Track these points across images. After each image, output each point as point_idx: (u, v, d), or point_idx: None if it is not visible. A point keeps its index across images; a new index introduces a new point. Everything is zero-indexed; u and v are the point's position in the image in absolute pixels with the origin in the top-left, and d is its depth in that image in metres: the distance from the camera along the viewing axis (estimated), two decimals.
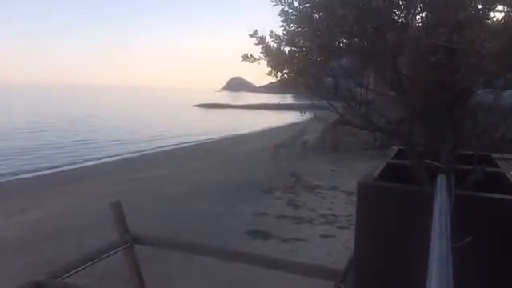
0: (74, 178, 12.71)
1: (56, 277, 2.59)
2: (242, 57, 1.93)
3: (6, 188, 11.49)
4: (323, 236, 6.51)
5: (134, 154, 18.65)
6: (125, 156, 18.09)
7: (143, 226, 4.73)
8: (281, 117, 41.84)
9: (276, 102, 63.81)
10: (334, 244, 6.12)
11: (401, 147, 2.66)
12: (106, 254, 2.93)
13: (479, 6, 1.47)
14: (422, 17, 1.67)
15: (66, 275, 2.63)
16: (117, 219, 3.16)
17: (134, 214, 4.35)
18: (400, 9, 1.67)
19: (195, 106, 65.23)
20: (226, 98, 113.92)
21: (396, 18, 1.69)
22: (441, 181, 1.62)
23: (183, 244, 3.42)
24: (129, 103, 71.51)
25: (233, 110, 62.48)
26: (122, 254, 3.21)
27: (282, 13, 1.78)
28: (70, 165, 15.75)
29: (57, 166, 15.28)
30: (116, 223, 3.16)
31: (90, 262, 2.79)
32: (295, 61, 1.87)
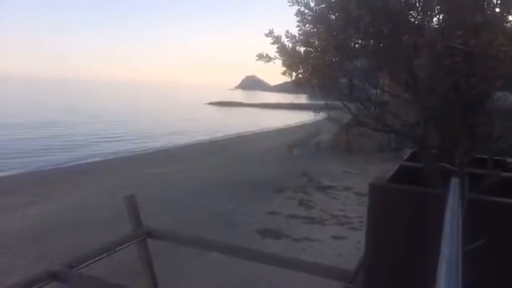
0: (85, 172, 12.92)
1: (71, 267, 2.65)
2: (258, 56, 1.94)
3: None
4: (335, 237, 6.48)
5: (146, 151, 18.80)
6: (137, 153, 18.21)
7: (154, 220, 4.79)
8: (294, 116, 41.73)
9: (289, 101, 63.59)
10: (346, 245, 6.10)
11: (415, 150, 2.64)
12: (120, 247, 2.99)
13: (497, 10, 1.46)
14: (438, 19, 1.66)
15: (81, 266, 2.70)
16: (130, 213, 3.21)
17: (146, 209, 4.41)
18: (417, 11, 1.67)
19: (207, 104, 65.23)
20: (239, 96, 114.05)
21: (412, 19, 1.68)
22: (454, 184, 1.61)
23: (196, 240, 3.45)
24: (144, 100, 72.25)
25: (246, 108, 62.47)
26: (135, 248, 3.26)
27: (298, 13, 1.79)
28: (75, 161, 15.76)
29: (62, 162, 15.30)
30: (130, 217, 3.21)
31: (104, 254, 2.85)
32: (310, 61, 1.88)
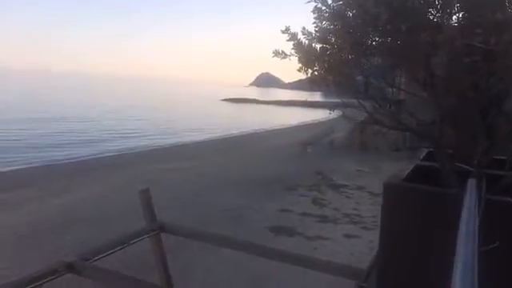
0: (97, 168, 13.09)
1: (86, 259, 2.70)
2: (274, 52, 1.95)
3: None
4: (347, 236, 6.45)
5: (162, 147, 18.96)
6: (153, 148, 18.37)
7: (167, 214, 4.84)
8: (309, 114, 41.61)
9: (303, 98, 63.44)
10: (358, 244, 6.07)
11: (431, 149, 2.61)
12: (134, 240, 3.03)
13: None
14: (458, 17, 1.64)
15: (95, 258, 2.75)
16: (145, 207, 3.25)
17: (160, 203, 4.45)
18: (435, 8, 1.64)
19: (222, 100, 65.45)
20: (254, 93, 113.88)
21: (431, 17, 1.66)
22: (471, 185, 1.59)
23: (209, 235, 3.47)
24: (159, 96, 72.80)
25: (260, 105, 62.42)
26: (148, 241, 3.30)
27: (315, 10, 1.79)
28: (92, 155, 15.81)
29: (77, 157, 15.38)
30: (144, 211, 3.25)
31: (119, 247, 2.90)
32: (326, 58, 1.88)
